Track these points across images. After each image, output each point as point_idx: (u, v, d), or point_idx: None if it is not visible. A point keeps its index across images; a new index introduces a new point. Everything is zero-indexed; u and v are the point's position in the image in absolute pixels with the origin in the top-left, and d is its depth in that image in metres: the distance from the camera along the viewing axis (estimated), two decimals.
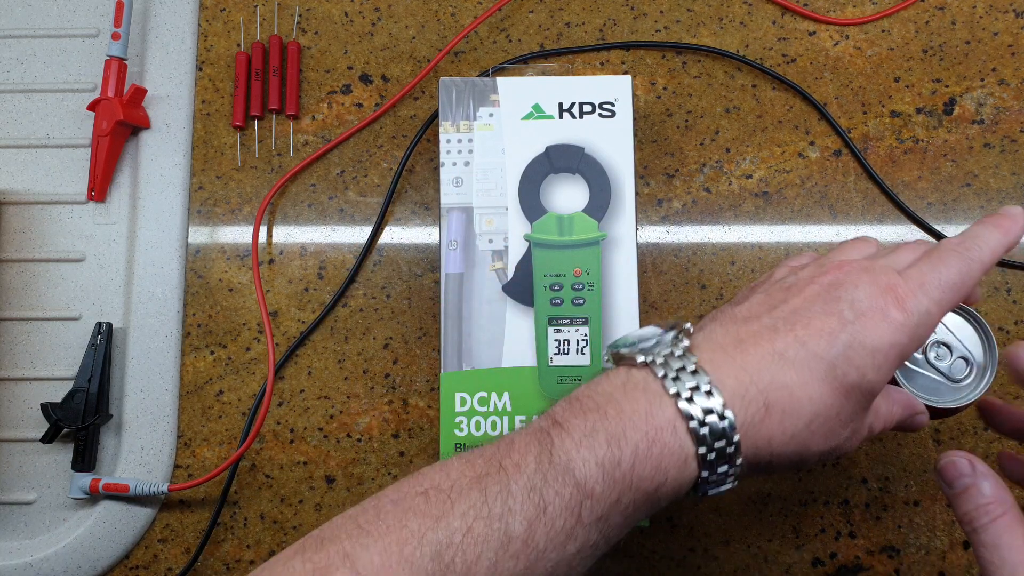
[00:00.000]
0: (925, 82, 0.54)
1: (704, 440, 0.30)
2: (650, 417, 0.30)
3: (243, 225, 0.54)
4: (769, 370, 0.31)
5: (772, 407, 0.31)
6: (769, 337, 0.32)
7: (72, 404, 0.50)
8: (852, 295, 0.32)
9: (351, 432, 0.51)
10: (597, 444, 0.30)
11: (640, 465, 0.30)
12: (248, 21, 0.56)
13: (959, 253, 0.34)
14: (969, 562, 0.48)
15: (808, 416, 0.31)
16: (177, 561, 0.50)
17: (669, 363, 0.31)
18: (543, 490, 0.29)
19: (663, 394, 0.30)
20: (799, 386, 0.31)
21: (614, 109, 0.50)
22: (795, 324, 0.32)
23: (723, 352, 0.32)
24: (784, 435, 0.31)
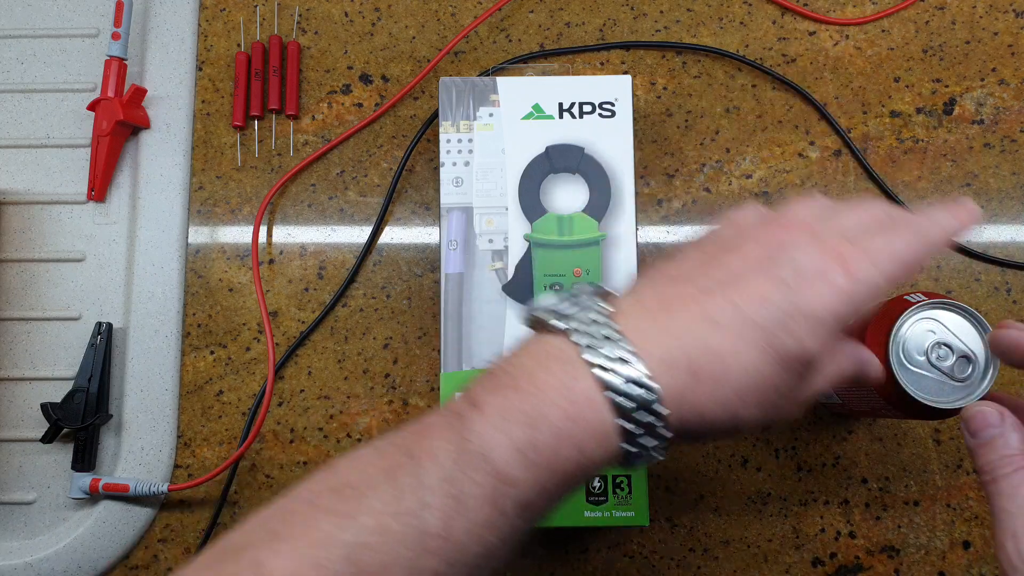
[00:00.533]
0: (925, 82, 0.54)
1: (627, 414, 0.28)
2: (568, 392, 0.28)
3: (243, 225, 0.54)
4: (698, 335, 0.29)
5: (701, 375, 0.29)
6: (700, 300, 0.29)
7: (72, 404, 0.50)
8: (795, 258, 0.30)
9: (351, 432, 0.51)
10: (513, 426, 0.28)
11: (561, 446, 0.28)
12: (248, 21, 0.56)
13: (914, 230, 0.32)
14: (969, 562, 0.48)
15: (740, 385, 0.29)
16: (177, 561, 0.50)
17: (588, 330, 0.29)
18: (459, 480, 0.27)
19: (581, 364, 0.28)
20: (731, 353, 0.29)
21: (614, 109, 0.50)
22: (731, 287, 0.30)
23: (649, 316, 0.30)
24: (715, 404, 0.29)
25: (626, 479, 0.45)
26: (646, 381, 0.28)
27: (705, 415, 0.29)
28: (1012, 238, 0.52)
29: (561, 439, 0.28)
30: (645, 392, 0.28)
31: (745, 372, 0.29)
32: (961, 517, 0.49)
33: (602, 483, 0.45)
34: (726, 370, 0.29)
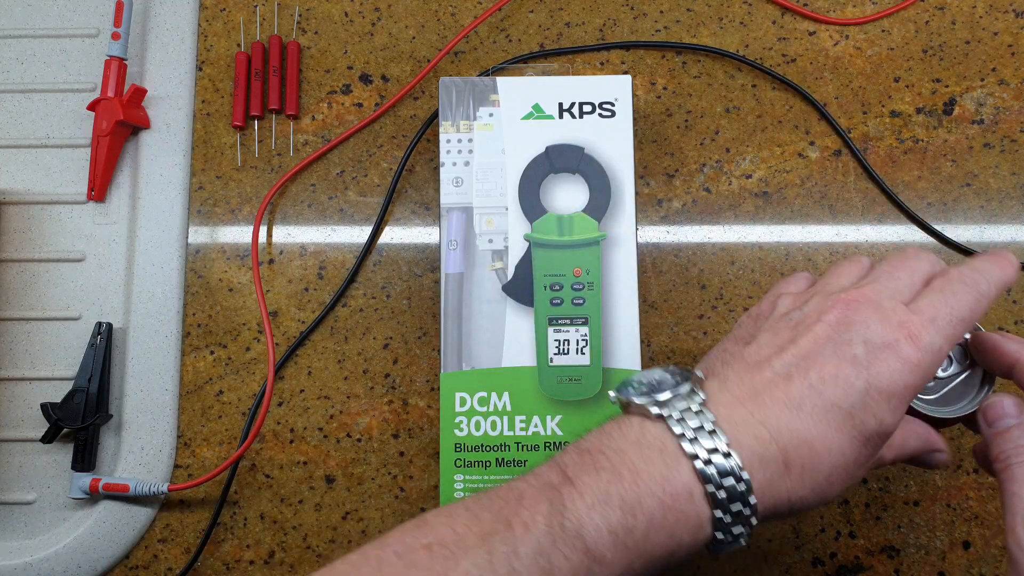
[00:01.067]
0: (925, 82, 0.54)
1: (722, 504, 0.29)
2: (667, 483, 0.29)
3: (243, 225, 0.54)
4: (788, 425, 0.30)
5: (792, 464, 0.30)
6: (784, 386, 0.30)
7: (72, 404, 0.50)
8: (864, 334, 0.31)
9: (351, 432, 0.51)
10: (611, 510, 0.28)
11: (654, 532, 0.29)
12: (248, 21, 0.56)
13: (968, 287, 0.33)
14: (969, 562, 0.49)
15: (828, 468, 0.30)
16: (177, 561, 0.50)
17: (686, 419, 0.30)
18: (551, 554, 0.28)
19: (680, 455, 0.29)
20: (819, 439, 0.30)
21: (614, 109, 0.50)
22: (808, 370, 0.31)
23: (740, 406, 0.30)
24: (803, 489, 0.30)
25: None
26: (741, 473, 0.29)
27: (794, 500, 0.30)
28: (1012, 238, 0.52)
29: (655, 526, 0.29)
30: (739, 484, 0.29)
31: (831, 455, 0.30)
32: (961, 517, 0.49)
33: None
34: (815, 456, 0.30)
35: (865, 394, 0.30)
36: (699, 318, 0.52)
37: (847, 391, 0.30)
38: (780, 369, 0.31)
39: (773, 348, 0.32)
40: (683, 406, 0.30)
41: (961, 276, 0.34)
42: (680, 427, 0.30)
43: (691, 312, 0.52)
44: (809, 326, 0.32)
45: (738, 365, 0.32)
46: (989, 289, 0.34)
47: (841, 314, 0.32)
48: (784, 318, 0.33)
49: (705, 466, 0.29)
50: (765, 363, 0.32)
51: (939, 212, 0.52)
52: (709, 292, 0.52)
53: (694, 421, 0.30)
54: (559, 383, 0.47)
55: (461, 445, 0.46)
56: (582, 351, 0.47)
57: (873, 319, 0.31)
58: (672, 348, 0.51)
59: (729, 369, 0.32)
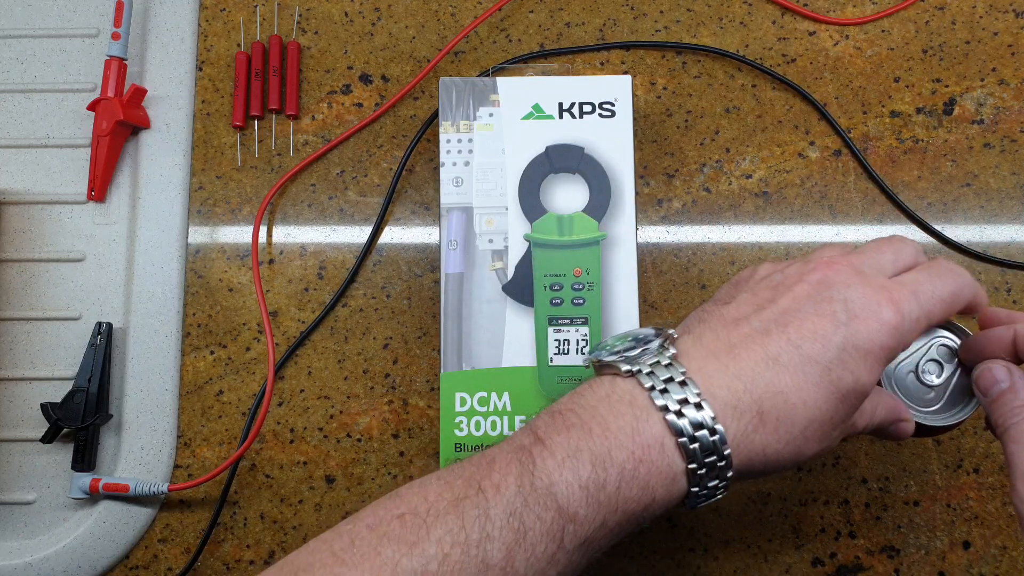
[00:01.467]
0: (925, 82, 0.54)
1: (694, 456, 0.29)
2: (636, 434, 0.29)
3: (243, 225, 0.54)
4: (763, 376, 0.30)
5: (766, 415, 0.30)
6: (761, 340, 0.31)
7: (72, 404, 0.50)
8: (844, 294, 0.31)
9: (351, 432, 0.51)
10: (581, 465, 0.28)
11: (626, 486, 0.28)
12: (248, 21, 0.56)
13: (955, 275, 0.34)
14: (969, 562, 0.49)
15: (803, 422, 0.30)
16: (177, 561, 0.50)
17: (656, 373, 0.30)
18: (523, 515, 0.28)
19: (650, 408, 0.29)
20: (794, 391, 0.30)
21: (614, 109, 0.50)
22: (787, 325, 0.31)
23: (714, 358, 0.31)
24: (779, 442, 0.30)
25: None
26: (713, 424, 0.29)
27: (769, 454, 0.30)
28: (1012, 238, 0.52)
29: (627, 479, 0.28)
30: (712, 436, 0.29)
31: (807, 408, 0.30)
32: (961, 517, 0.49)
33: None
34: (790, 409, 0.30)
35: (842, 350, 0.30)
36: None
37: (825, 346, 0.30)
38: (758, 325, 0.31)
39: (752, 307, 0.32)
40: (652, 360, 0.30)
41: (949, 265, 0.34)
42: (650, 380, 0.30)
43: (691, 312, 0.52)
44: (790, 286, 0.32)
45: (714, 322, 0.32)
46: (973, 285, 0.34)
47: (823, 275, 0.32)
48: (765, 279, 0.34)
49: (677, 418, 0.29)
50: (743, 320, 0.32)
51: (939, 212, 0.52)
52: (709, 292, 0.52)
53: (663, 373, 0.30)
54: (559, 383, 0.47)
55: (461, 445, 0.46)
56: (582, 351, 0.47)
57: (855, 282, 0.31)
58: None
59: (705, 326, 0.32)
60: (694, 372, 0.30)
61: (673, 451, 0.29)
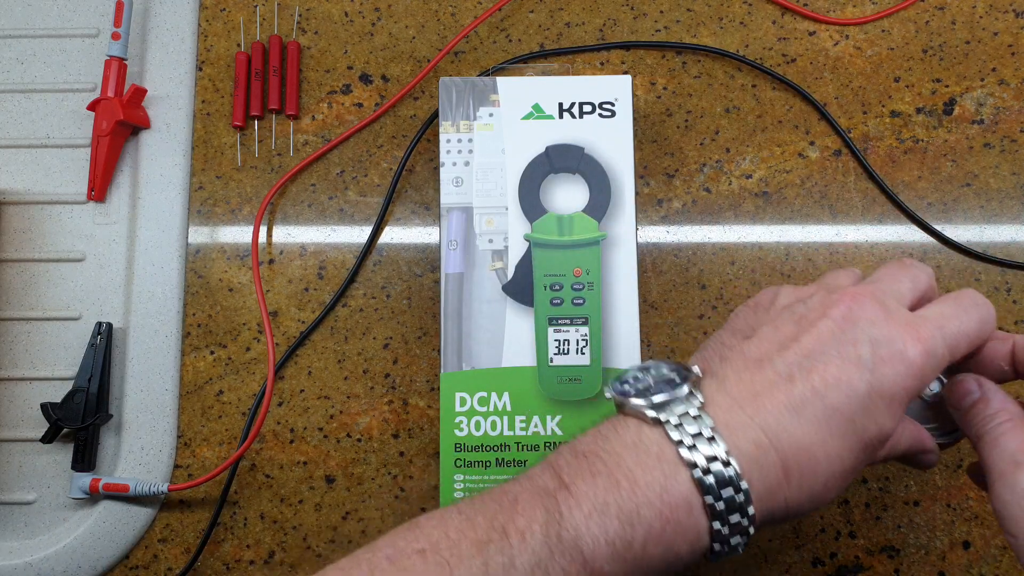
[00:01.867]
0: (925, 82, 0.54)
1: (720, 515, 0.29)
2: (665, 493, 0.28)
3: (243, 225, 0.54)
4: (787, 429, 0.29)
5: (791, 471, 0.29)
6: (785, 388, 0.30)
7: (72, 404, 0.50)
8: (870, 333, 0.30)
9: (351, 432, 0.51)
10: (608, 520, 0.28)
11: (652, 545, 0.28)
12: (248, 21, 0.56)
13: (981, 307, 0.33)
14: (969, 562, 0.49)
15: (826, 475, 0.30)
16: (177, 561, 0.50)
17: (684, 425, 0.29)
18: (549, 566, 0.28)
19: (678, 463, 0.29)
20: (818, 445, 0.29)
21: (614, 109, 0.50)
22: (811, 371, 0.30)
23: (739, 409, 0.30)
24: (801, 495, 0.30)
25: None
26: (740, 483, 0.28)
27: (791, 506, 0.30)
28: (1012, 238, 0.52)
29: (654, 539, 0.28)
30: (738, 493, 0.28)
31: (830, 462, 0.30)
32: (961, 517, 0.49)
33: None
34: (814, 463, 0.29)
35: (868, 398, 0.30)
36: (699, 318, 0.52)
37: (850, 396, 0.29)
38: (782, 368, 0.30)
39: (775, 344, 0.31)
40: (681, 410, 0.30)
41: (975, 297, 0.33)
42: (678, 433, 0.29)
43: (691, 312, 0.52)
44: (813, 321, 0.31)
45: (737, 362, 0.32)
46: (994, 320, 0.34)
47: (847, 309, 0.31)
48: (787, 311, 0.33)
49: (704, 475, 0.28)
50: (766, 360, 0.31)
51: (939, 212, 0.52)
52: (709, 292, 0.52)
53: (692, 427, 0.29)
54: (559, 383, 0.47)
55: (461, 445, 0.46)
56: (582, 351, 0.47)
57: (879, 317, 0.31)
58: (672, 348, 0.51)
59: (728, 366, 0.32)
60: (722, 425, 0.29)
61: (700, 511, 0.29)
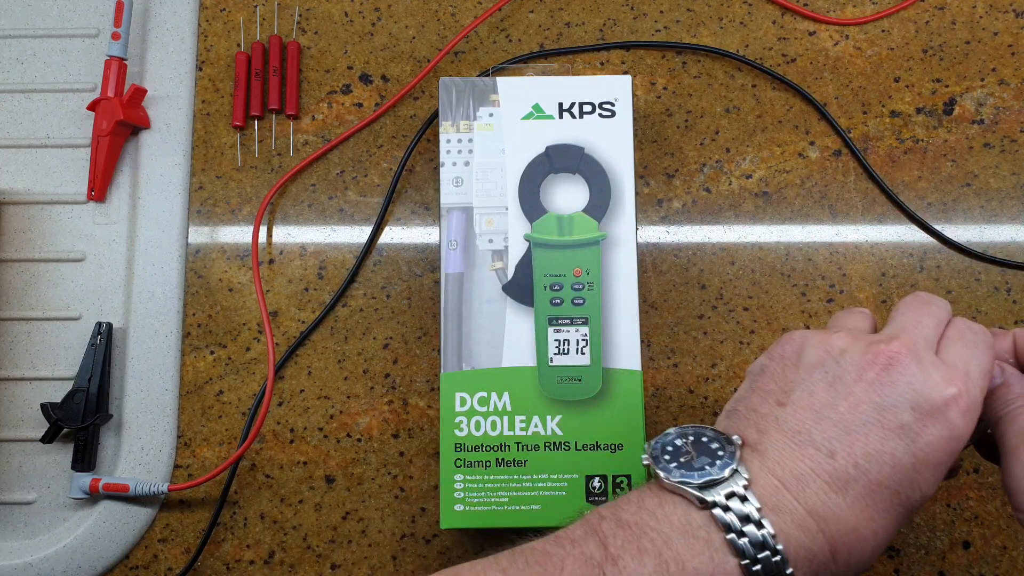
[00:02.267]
0: (925, 82, 0.54)
1: None
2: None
3: (243, 225, 0.54)
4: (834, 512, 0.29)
5: (838, 552, 0.29)
6: (828, 465, 0.29)
7: (72, 404, 0.50)
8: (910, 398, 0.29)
9: (351, 432, 0.51)
10: None
11: None
12: (248, 21, 0.56)
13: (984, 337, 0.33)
14: (969, 562, 0.48)
15: (872, 549, 0.29)
16: (177, 561, 0.50)
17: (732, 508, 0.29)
18: None
19: (727, 552, 0.28)
20: (866, 524, 0.29)
21: (614, 109, 0.49)
22: (852, 444, 0.29)
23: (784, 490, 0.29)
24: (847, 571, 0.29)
25: (626, 479, 0.45)
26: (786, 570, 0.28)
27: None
28: (1012, 238, 0.52)
29: None
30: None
31: (877, 538, 0.29)
32: (961, 517, 0.49)
33: (602, 483, 0.45)
34: (862, 542, 0.29)
35: (912, 470, 0.29)
36: (699, 318, 0.52)
37: (894, 469, 0.29)
38: (822, 443, 0.30)
39: (811, 413, 0.30)
40: (727, 490, 0.29)
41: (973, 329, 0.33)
42: (726, 516, 0.29)
43: (691, 312, 0.52)
44: (849, 385, 0.30)
45: (775, 435, 0.31)
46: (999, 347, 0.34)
47: (883, 372, 0.30)
48: (818, 370, 0.31)
49: (753, 564, 0.28)
50: (804, 434, 0.30)
51: (939, 212, 0.52)
52: (709, 292, 0.52)
53: (739, 509, 0.29)
54: (559, 383, 0.47)
55: (461, 445, 0.46)
56: (582, 351, 0.47)
57: (917, 378, 0.30)
58: (672, 348, 0.51)
59: (767, 440, 0.31)
60: (769, 508, 0.29)
61: None
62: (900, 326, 0.33)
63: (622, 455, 0.46)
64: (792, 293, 0.52)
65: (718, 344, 0.51)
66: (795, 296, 0.52)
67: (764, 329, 0.51)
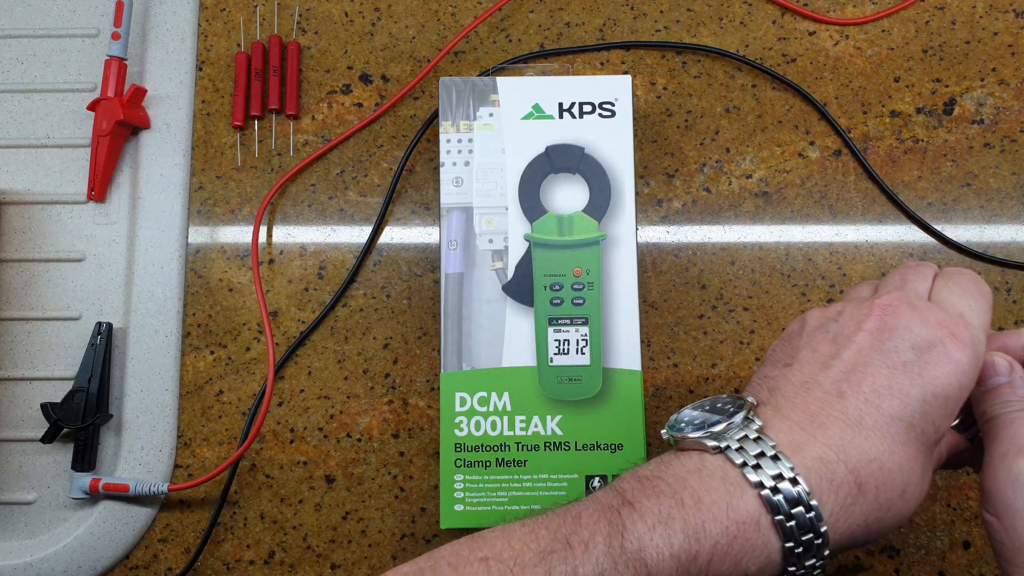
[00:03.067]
0: (925, 82, 0.54)
1: (792, 534, 0.28)
2: (731, 510, 0.28)
3: (243, 225, 0.54)
4: (852, 443, 0.29)
5: (865, 485, 0.29)
6: (839, 404, 0.30)
7: (72, 404, 0.50)
8: (909, 338, 0.30)
9: (351, 432, 0.51)
10: (673, 533, 0.28)
11: (718, 561, 0.28)
12: (248, 21, 0.56)
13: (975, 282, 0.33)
14: (969, 562, 0.48)
15: (902, 485, 0.29)
16: (177, 561, 0.50)
17: (746, 448, 0.29)
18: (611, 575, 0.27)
19: (744, 484, 0.28)
20: (887, 455, 0.29)
21: (614, 109, 0.49)
22: (860, 383, 0.30)
23: (800, 429, 0.29)
24: (880, 511, 0.29)
25: None
26: (810, 501, 0.28)
27: (871, 524, 0.29)
28: (1012, 238, 0.52)
29: (720, 554, 0.28)
30: (808, 512, 0.28)
31: (902, 472, 0.29)
32: (961, 517, 0.49)
33: (602, 483, 0.45)
34: (886, 475, 0.29)
35: (923, 402, 0.29)
36: (699, 318, 0.52)
37: (905, 401, 0.29)
38: (829, 386, 0.30)
39: (817, 365, 0.31)
40: (740, 435, 0.30)
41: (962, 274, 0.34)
42: (740, 456, 0.29)
43: (691, 312, 0.52)
44: (849, 336, 0.31)
45: (786, 389, 0.31)
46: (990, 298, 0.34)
47: (880, 319, 0.31)
48: (820, 331, 0.32)
49: (772, 494, 0.28)
50: (812, 382, 0.31)
51: (939, 212, 0.52)
52: (709, 292, 0.52)
53: (754, 448, 0.29)
54: (559, 383, 0.47)
55: (461, 445, 0.46)
56: (582, 351, 0.47)
57: (914, 321, 0.31)
58: (672, 348, 0.51)
59: (778, 395, 0.31)
60: (784, 446, 0.29)
61: (769, 529, 0.28)
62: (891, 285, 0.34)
63: (622, 455, 0.46)
64: (792, 293, 0.52)
65: (718, 344, 0.51)
66: (795, 296, 0.52)
67: (764, 329, 0.51)
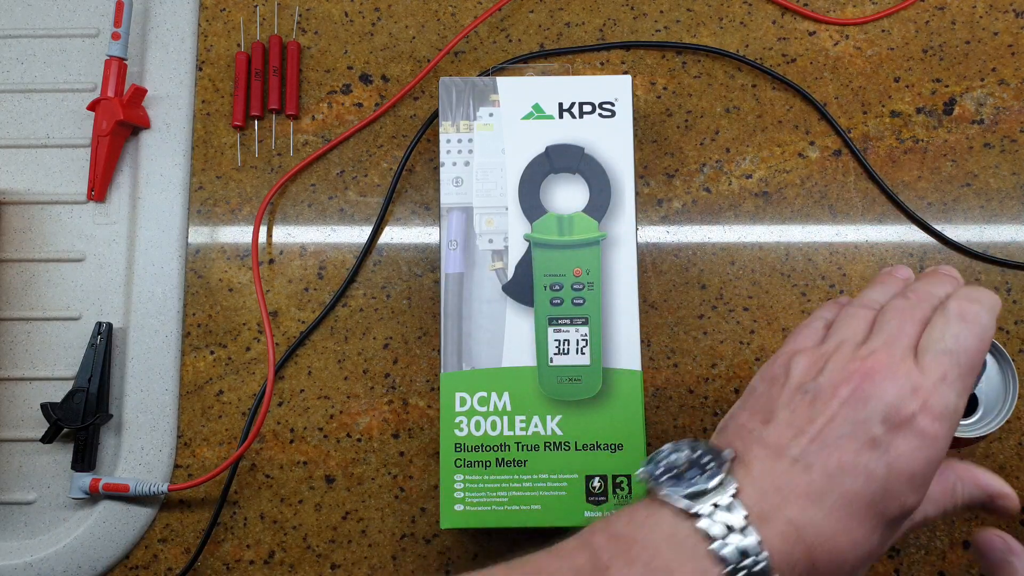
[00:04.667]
0: (925, 82, 0.54)
1: None
2: None
3: (243, 225, 0.54)
4: (812, 521, 0.29)
5: (818, 563, 0.29)
6: (805, 478, 0.30)
7: (72, 404, 0.50)
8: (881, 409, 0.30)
9: (351, 432, 0.51)
10: None
11: None
12: (248, 21, 0.56)
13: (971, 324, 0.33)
14: (969, 562, 0.48)
15: (853, 560, 0.30)
16: (177, 561, 0.50)
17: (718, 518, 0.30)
18: None
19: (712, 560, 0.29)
20: (843, 533, 0.30)
21: (614, 109, 0.49)
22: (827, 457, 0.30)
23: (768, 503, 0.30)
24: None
25: (626, 479, 0.45)
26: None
27: None
28: (1012, 238, 0.52)
29: None
30: None
31: (855, 548, 0.30)
32: (961, 517, 0.49)
33: (602, 483, 0.45)
34: (840, 553, 0.30)
35: (886, 480, 0.30)
36: (699, 318, 0.52)
37: (868, 480, 0.30)
38: (799, 455, 0.31)
39: (791, 431, 0.32)
40: (713, 501, 0.30)
41: (961, 313, 0.33)
42: (713, 526, 0.30)
43: (691, 312, 0.52)
44: (825, 402, 0.31)
45: (759, 450, 0.32)
46: (991, 321, 0.33)
47: (856, 387, 0.31)
48: (800, 392, 0.33)
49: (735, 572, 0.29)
50: (784, 449, 0.31)
51: (939, 212, 0.52)
52: (709, 292, 0.52)
53: (725, 518, 0.30)
54: (559, 383, 0.47)
55: (461, 445, 0.46)
56: (582, 351, 0.47)
57: (889, 392, 0.31)
58: (672, 348, 0.51)
59: (751, 454, 0.32)
60: (754, 518, 0.30)
61: None
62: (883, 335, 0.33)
63: (622, 455, 0.46)
64: (792, 293, 0.52)
65: (718, 344, 0.51)
66: (795, 296, 0.52)
67: (764, 329, 0.51)
